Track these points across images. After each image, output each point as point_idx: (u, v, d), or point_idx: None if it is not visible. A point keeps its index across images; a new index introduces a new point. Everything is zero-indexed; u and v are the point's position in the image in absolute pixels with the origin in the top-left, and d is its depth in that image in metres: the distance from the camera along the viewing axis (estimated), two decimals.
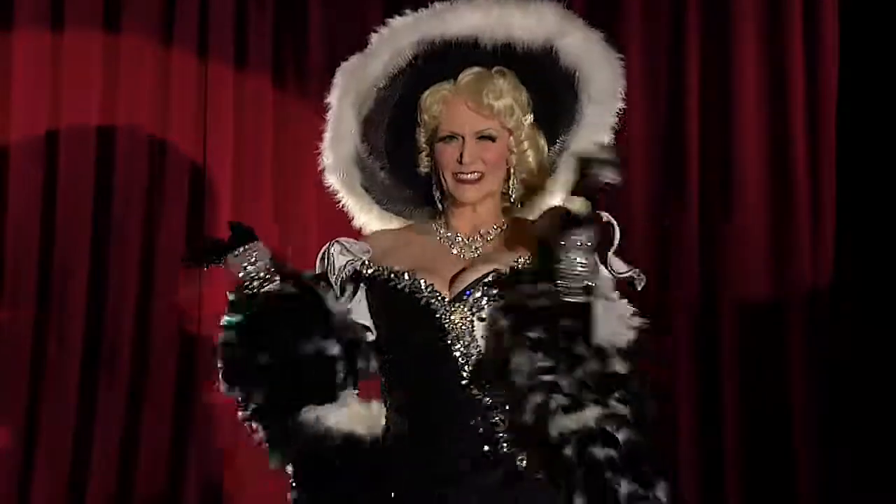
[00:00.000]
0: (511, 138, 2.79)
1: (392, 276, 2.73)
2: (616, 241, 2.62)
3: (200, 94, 4.58)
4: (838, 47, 4.53)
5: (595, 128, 2.82)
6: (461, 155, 2.73)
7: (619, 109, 2.84)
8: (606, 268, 2.62)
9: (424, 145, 2.83)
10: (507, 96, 2.76)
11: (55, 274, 4.46)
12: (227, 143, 4.58)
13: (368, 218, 2.92)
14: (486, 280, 2.68)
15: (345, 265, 2.74)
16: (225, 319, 2.71)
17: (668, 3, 4.63)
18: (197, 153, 4.58)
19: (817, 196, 4.54)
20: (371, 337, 2.76)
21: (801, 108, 4.54)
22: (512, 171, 2.81)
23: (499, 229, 2.82)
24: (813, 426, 4.46)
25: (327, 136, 2.87)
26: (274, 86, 4.62)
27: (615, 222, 2.62)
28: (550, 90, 2.81)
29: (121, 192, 4.52)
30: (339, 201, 2.93)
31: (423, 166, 2.84)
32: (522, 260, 2.71)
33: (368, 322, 2.76)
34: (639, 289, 2.65)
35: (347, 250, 2.75)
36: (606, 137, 2.83)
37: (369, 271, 2.77)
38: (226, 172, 4.57)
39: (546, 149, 2.84)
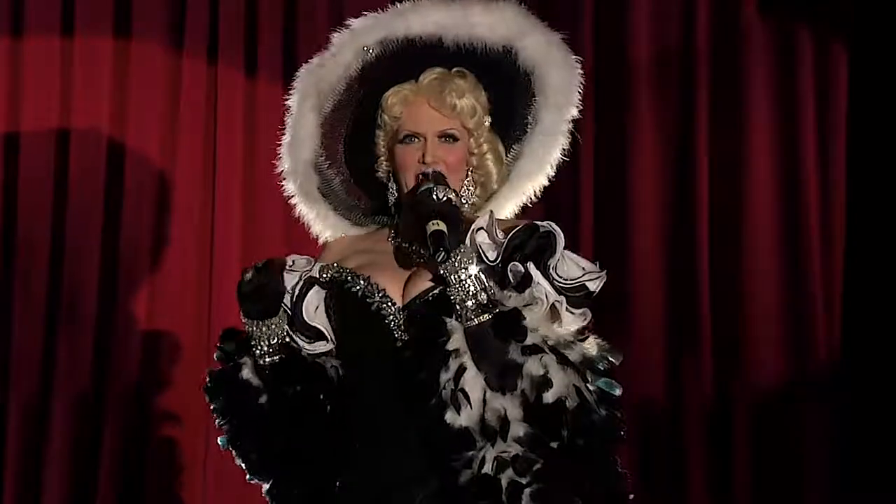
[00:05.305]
0: (471, 140, 2.75)
1: (349, 277, 2.71)
2: (559, 250, 2.55)
3: (210, 98, 4.61)
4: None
5: (550, 133, 2.78)
6: (423, 155, 2.69)
7: (574, 115, 2.79)
8: (549, 279, 2.54)
9: (384, 149, 2.78)
10: (468, 96, 2.73)
11: (65, 277, 4.51)
12: (236, 147, 4.60)
13: (324, 226, 2.88)
14: (434, 292, 2.62)
15: (298, 280, 2.71)
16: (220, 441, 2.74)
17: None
18: (207, 157, 4.60)
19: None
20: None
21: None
22: (470, 173, 2.76)
23: None
24: None
25: (286, 139, 2.84)
26: (284, 90, 4.59)
27: (556, 229, 2.55)
28: (507, 94, 2.77)
29: (131, 196, 4.56)
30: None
31: (382, 171, 2.80)
32: None
33: (329, 329, 2.72)
34: (594, 289, 2.57)
35: (291, 269, 2.71)
36: (562, 143, 2.79)
37: (327, 275, 2.74)
38: (236, 177, 4.59)
39: (504, 154, 2.81)
